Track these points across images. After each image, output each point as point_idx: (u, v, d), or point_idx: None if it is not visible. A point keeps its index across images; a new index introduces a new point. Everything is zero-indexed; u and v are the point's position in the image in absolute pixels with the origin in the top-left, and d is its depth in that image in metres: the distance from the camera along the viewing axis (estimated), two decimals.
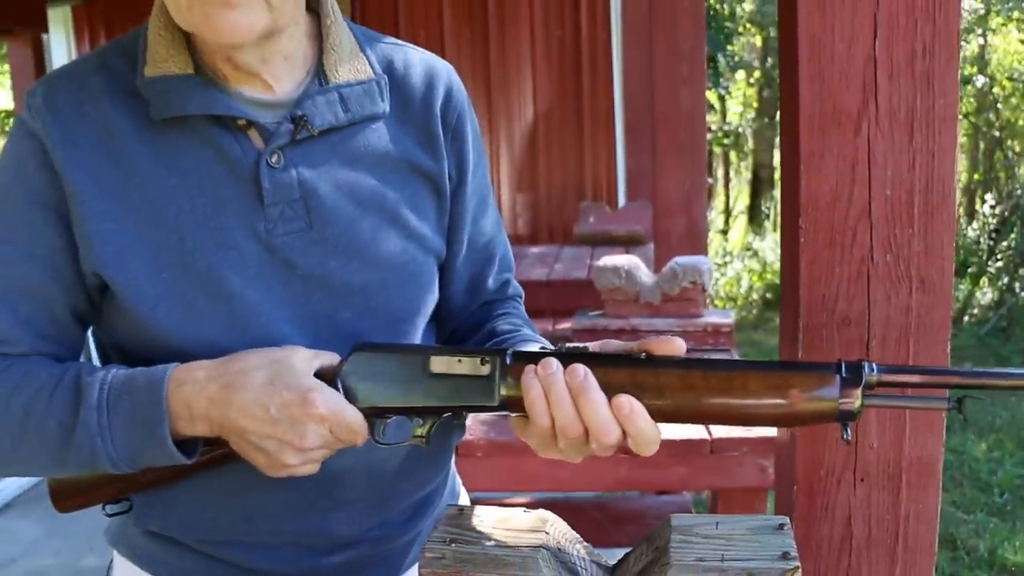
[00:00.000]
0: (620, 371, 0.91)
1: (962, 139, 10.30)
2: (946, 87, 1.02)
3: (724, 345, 2.73)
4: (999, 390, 0.88)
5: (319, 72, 1.07)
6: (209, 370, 0.96)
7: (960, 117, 8.97)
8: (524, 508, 1.02)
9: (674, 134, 3.13)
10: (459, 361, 0.96)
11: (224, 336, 1.01)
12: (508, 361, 0.94)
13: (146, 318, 1.00)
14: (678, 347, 0.92)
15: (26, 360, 1.02)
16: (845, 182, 1.05)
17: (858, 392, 0.86)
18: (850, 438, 0.88)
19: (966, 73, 9.31)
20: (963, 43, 8.76)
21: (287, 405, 0.93)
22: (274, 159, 1.02)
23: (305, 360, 0.97)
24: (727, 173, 12.80)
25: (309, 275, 1.04)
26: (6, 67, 12.66)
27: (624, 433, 0.90)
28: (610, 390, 0.90)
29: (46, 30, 5.67)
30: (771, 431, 1.78)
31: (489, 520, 0.98)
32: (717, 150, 11.57)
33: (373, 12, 6.08)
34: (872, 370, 0.87)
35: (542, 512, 1.00)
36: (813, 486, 1.11)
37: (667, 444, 2.02)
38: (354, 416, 0.95)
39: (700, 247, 3.23)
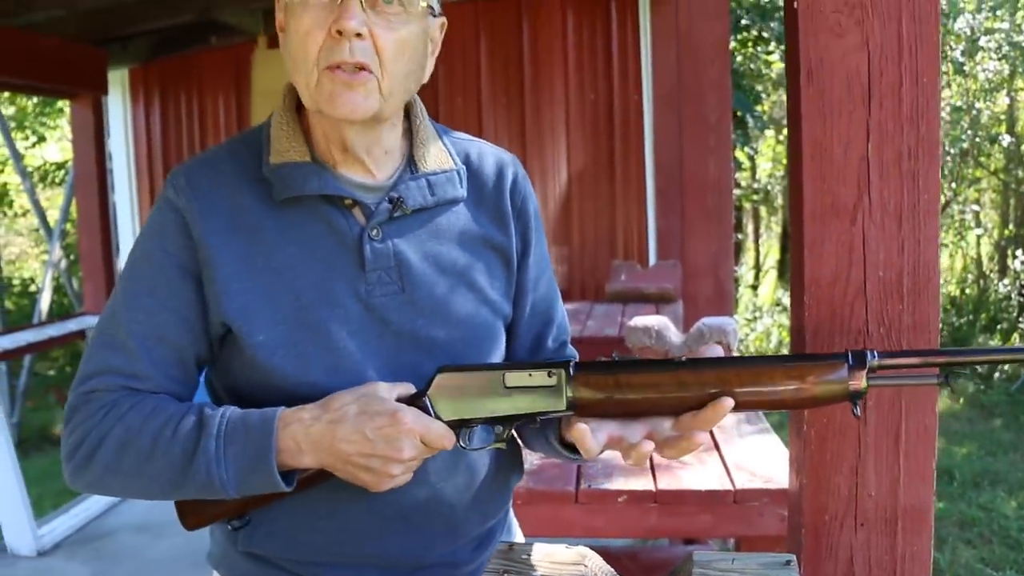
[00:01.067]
0: (665, 373, 1.08)
1: (992, 195, 10.36)
2: (929, 184, 1.18)
3: None
4: (981, 364, 1.08)
5: (410, 162, 1.26)
6: (312, 412, 1.12)
7: (988, 174, 9.06)
8: (566, 545, 1.18)
9: (702, 200, 3.28)
10: (530, 375, 1.12)
11: (328, 380, 1.17)
12: (572, 372, 1.11)
13: (264, 363, 1.17)
14: (717, 352, 1.11)
15: (155, 396, 1.18)
16: (843, 265, 1.21)
17: (863, 375, 1.05)
18: (860, 414, 1.06)
19: (993, 132, 9.42)
20: (990, 102, 8.90)
21: (381, 427, 1.09)
22: (374, 233, 1.20)
23: (386, 389, 1.14)
24: (757, 229, 12.87)
25: (400, 331, 1.21)
26: (59, 122, 13.11)
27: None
28: (655, 388, 1.08)
29: (106, 92, 5.91)
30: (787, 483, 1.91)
31: (536, 555, 1.15)
32: (747, 206, 11.65)
33: None
34: (874, 356, 1.05)
35: (581, 548, 1.15)
36: (819, 529, 1.25)
37: (693, 494, 2.16)
38: (440, 425, 1.12)
39: (727, 307, 3.37)
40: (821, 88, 1.20)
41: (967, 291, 9.21)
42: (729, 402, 1.07)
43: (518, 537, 1.46)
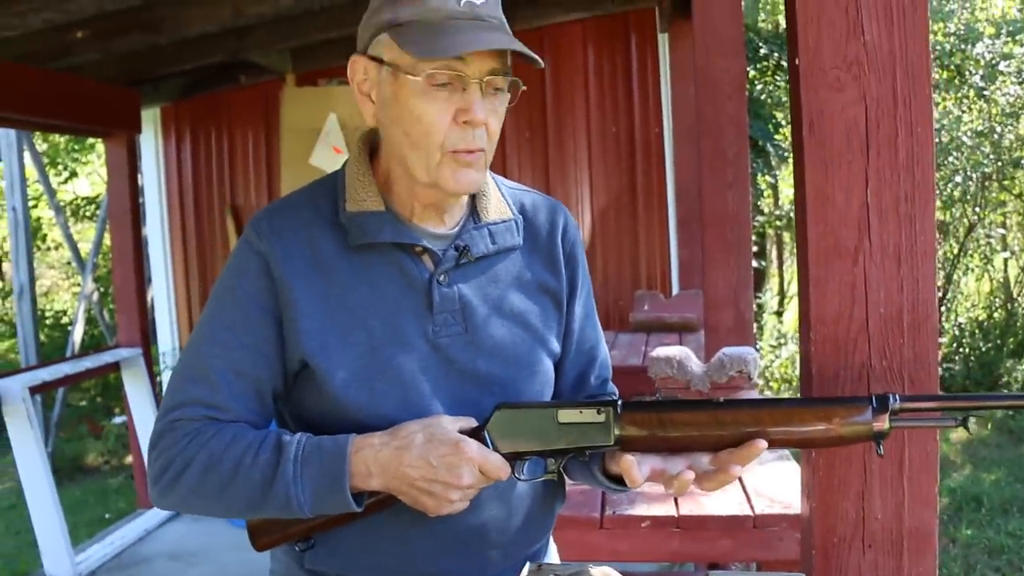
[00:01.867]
0: (705, 412, 1.18)
1: (1018, 218, 10.26)
2: (925, 227, 1.27)
3: None
4: (995, 409, 1.22)
5: (473, 212, 1.35)
6: (381, 438, 1.21)
7: (1013, 197, 9.02)
8: (592, 564, 1.27)
9: (722, 233, 3.35)
10: (580, 412, 1.22)
11: (397, 413, 1.26)
12: (619, 410, 1.21)
13: (338, 396, 1.26)
14: (752, 394, 1.22)
15: (235, 424, 1.27)
16: (846, 303, 1.29)
17: (886, 417, 1.14)
18: (883, 453, 1.15)
19: (1016, 155, 9.39)
20: (1012, 126, 8.90)
21: (444, 455, 1.18)
22: (442, 278, 1.30)
23: (450, 421, 1.23)
24: (780, 255, 12.87)
25: (464, 369, 1.31)
26: (90, 157, 13.37)
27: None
28: (695, 426, 1.18)
29: (139, 131, 6.07)
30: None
31: (563, 573, 1.23)
32: (770, 232, 11.67)
33: None
34: (896, 400, 1.15)
35: (607, 568, 1.24)
36: (828, 551, 1.33)
37: (714, 520, 2.23)
38: (498, 457, 1.20)
39: (747, 337, 3.43)
40: (822, 139, 1.29)
41: (995, 315, 9.18)
42: (763, 443, 1.16)
43: (555, 559, 1.55)
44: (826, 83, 1.28)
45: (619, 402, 1.23)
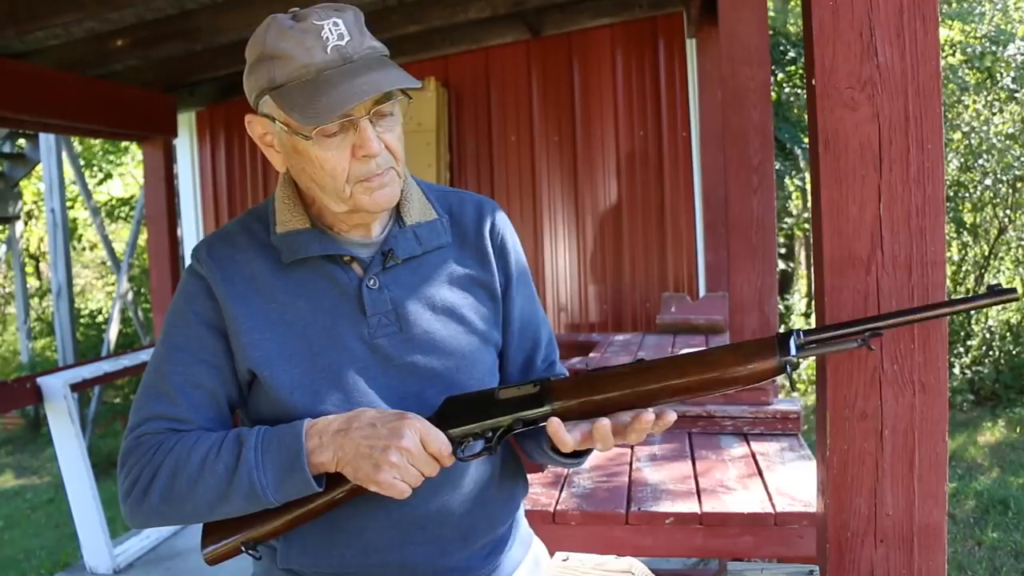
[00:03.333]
0: (627, 368, 1.26)
1: None
2: (935, 238, 1.33)
3: (792, 430, 2.97)
4: (892, 327, 1.20)
5: (398, 218, 1.43)
6: (335, 415, 1.29)
7: None
8: (616, 556, 1.34)
9: (747, 237, 3.40)
10: (518, 388, 1.30)
11: (341, 412, 1.32)
12: (551, 381, 1.29)
13: (284, 401, 1.34)
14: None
15: (197, 431, 1.34)
16: (859, 310, 1.35)
17: (791, 346, 1.21)
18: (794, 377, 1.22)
19: None
20: None
21: (389, 421, 1.25)
22: (371, 283, 1.37)
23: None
24: (808, 257, 12.85)
25: (401, 365, 1.38)
26: (124, 159, 13.58)
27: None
28: (622, 384, 1.25)
29: (175, 135, 6.20)
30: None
31: (589, 563, 1.31)
32: (799, 234, 11.67)
33: (468, 117, 6.44)
34: (800, 335, 1.22)
35: (630, 559, 1.31)
36: (842, 545, 1.39)
37: (736, 517, 2.30)
38: (439, 434, 1.26)
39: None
40: (837, 155, 1.35)
41: None
42: (671, 415, 1.25)
43: (537, 545, 1.59)
44: (841, 102, 1.35)
45: (551, 376, 1.30)
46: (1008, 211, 9.09)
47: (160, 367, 1.36)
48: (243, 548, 1.35)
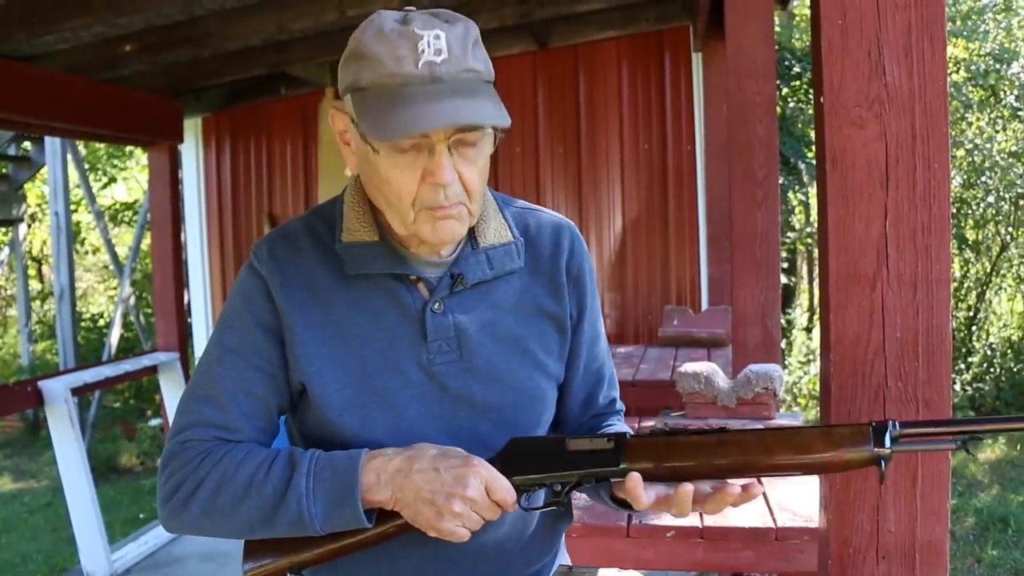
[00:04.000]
0: (709, 439, 1.21)
1: None
2: (941, 256, 1.34)
3: None
4: (995, 433, 1.20)
5: (471, 238, 1.34)
6: (395, 450, 1.23)
7: None
8: (617, 569, 1.34)
9: (750, 252, 3.41)
10: (590, 441, 1.24)
11: (389, 439, 1.27)
12: (627, 439, 1.23)
13: (333, 422, 1.29)
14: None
15: (246, 444, 1.29)
16: (864, 327, 1.36)
17: (886, 442, 1.17)
18: (881, 481, 1.19)
19: None
20: None
21: (454, 467, 1.19)
22: (436, 306, 1.30)
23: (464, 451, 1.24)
24: (811, 272, 12.83)
25: (458, 396, 1.31)
26: (128, 163, 13.59)
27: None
28: (701, 454, 1.20)
29: (182, 140, 6.21)
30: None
31: None
32: (801, 248, 11.66)
33: None
34: (895, 427, 1.18)
35: (631, 572, 1.32)
36: (844, 561, 1.40)
37: (737, 531, 2.29)
38: (504, 481, 1.21)
39: (774, 354, 3.49)
40: (844, 172, 1.36)
41: None
42: (758, 489, 1.20)
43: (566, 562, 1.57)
44: (849, 120, 1.35)
45: (628, 433, 1.25)
46: (1010, 228, 9.10)
47: (211, 369, 1.30)
48: (289, 573, 1.31)
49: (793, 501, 2.46)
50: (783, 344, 9.56)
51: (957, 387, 8.20)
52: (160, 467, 1.30)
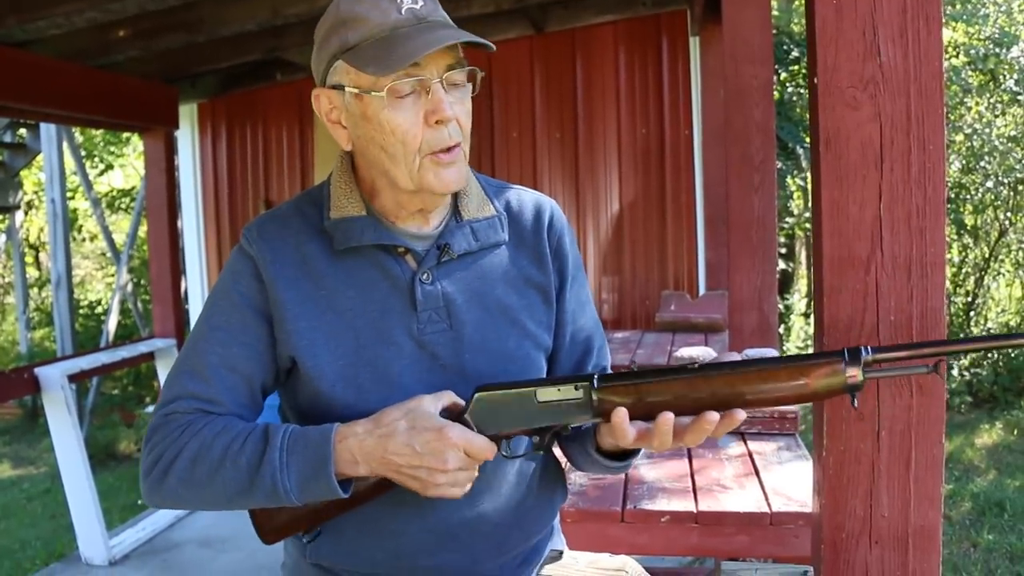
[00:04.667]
0: (680, 380, 1.21)
1: None
2: (935, 239, 1.32)
3: (789, 430, 2.96)
4: (967, 352, 1.19)
5: (456, 211, 1.40)
6: (364, 426, 1.25)
7: None
8: (609, 554, 1.34)
9: (747, 236, 3.40)
10: (558, 390, 1.25)
11: (382, 408, 1.28)
12: (596, 384, 1.24)
13: (326, 394, 1.32)
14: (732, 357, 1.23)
15: (226, 416, 1.33)
16: (858, 310, 1.35)
17: (859, 369, 1.17)
18: (857, 406, 1.19)
19: None
20: None
21: (428, 441, 1.21)
22: (425, 277, 1.35)
23: (431, 403, 1.26)
24: (809, 256, 12.83)
25: (448, 364, 1.35)
26: (125, 150, 13.56)
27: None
28: (671, 394, 1.20)
29: (177, 126, 6.19)
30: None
31: (582, 561, 1.31)
32: (800, 233, 11.66)
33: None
34: (868, 352, 1.17)
35: (623, 557, 1.31)
36: (837, 545, 1.39)
37: (732, 516, 2.29)
38: (482, 440, 1.24)
39: (771, 339, 3.48)
40: (839, 154, 1.34)
41: None
42: (742, 415, 1.19)
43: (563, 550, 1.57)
44: (843, 101, 1.34)
45: (595, 376, 1.25)
46: (1009, 213, 9.08)
47: (197, 345, 1.35)
48: (304, 535, 1.37)
49: (788, 486, 2.45)
50: (781, 329, 9.57)
51: (955, 372, 8.21)
52: (144, 440, 1.33)
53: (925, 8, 1.32)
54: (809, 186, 10.35)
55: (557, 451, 1.51)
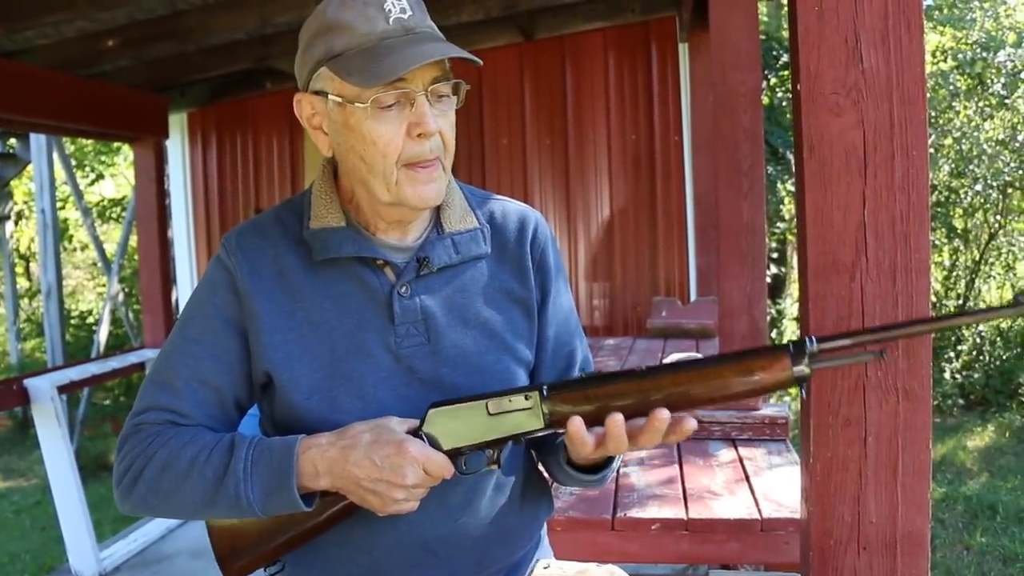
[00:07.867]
0: (629, 383, 1.20)
1: None
2: (920, 245, 1.33)
3: (780, 435, 2.97)
4: (910, 336, 1.18)
5: (437, 223, 1.37)
6: (328, 438, 1.24)
7: None
8: (597, 564, 1.33)
9: (736, 242, 3.40)
10: (509, 400, 1.24)
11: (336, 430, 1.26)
12: (545, 393, 1.23)
13: (300, 407, 1.30)
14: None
15: (195, 427, 1.31)
16: (843, 316, 1.34)
17: (805, 361, 1.16)
18: (806, 396, 1.21)
19: None
20: None
21: (388, 455, 1.20)
22: (403, 290, 1.32)
23: (397, 422, 1.25)
24: None
25: (426, 378, 1.32)
26: (116, 160, 13.54)
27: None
28: (619, 397, 1.19)
29: (167, 136, 6.18)
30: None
31: (570, 571, 1.30)
32: (791, 238, 11.68)
33: (459, 120, 6.41)
34: (813, 343, 1.17)
35: (612, 567, 1.30)
36: (825, 552, 1.39)
37: (722, 523, 2.29)
38: (440, 456, 1.22)
39: (760, 344, 3.49)
40: (822, 160, 1.35)
41: (1015, 324, 9.16)
42: (691, 423, 1.18)
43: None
44: (826, 107, 1.34)
45: (544, 385, 1.24)
46: (998, 217, 9.12)
47: (171, 356, 1.33)
48: (265, 571, 1.35)
49: (779, 492, 2.46)
50: (773, 334, 9.57)
51: (947, 375, 8.23)
52: (116, 450, 1.33)
53: (907, 14, 1.32)
54: None
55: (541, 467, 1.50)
